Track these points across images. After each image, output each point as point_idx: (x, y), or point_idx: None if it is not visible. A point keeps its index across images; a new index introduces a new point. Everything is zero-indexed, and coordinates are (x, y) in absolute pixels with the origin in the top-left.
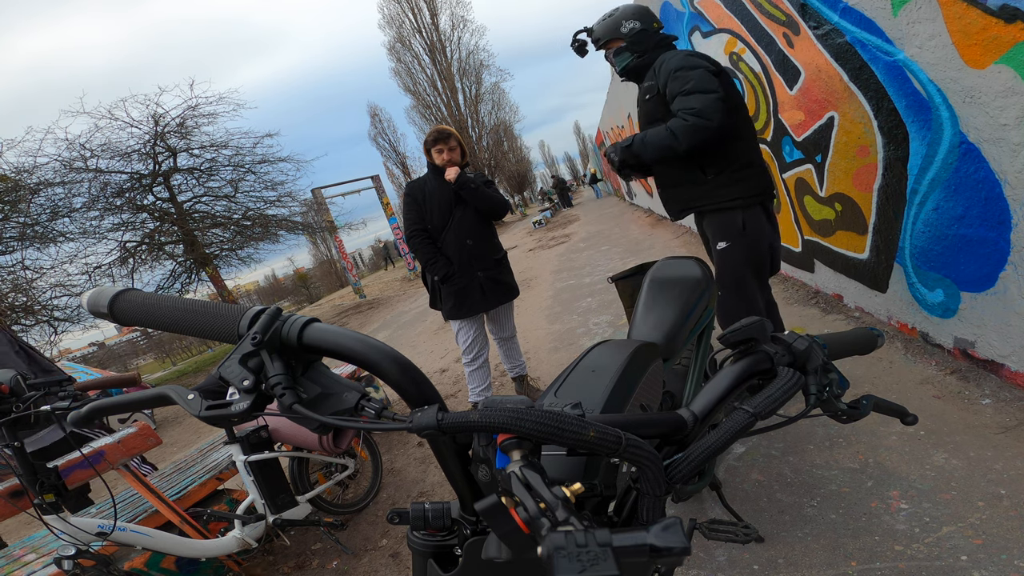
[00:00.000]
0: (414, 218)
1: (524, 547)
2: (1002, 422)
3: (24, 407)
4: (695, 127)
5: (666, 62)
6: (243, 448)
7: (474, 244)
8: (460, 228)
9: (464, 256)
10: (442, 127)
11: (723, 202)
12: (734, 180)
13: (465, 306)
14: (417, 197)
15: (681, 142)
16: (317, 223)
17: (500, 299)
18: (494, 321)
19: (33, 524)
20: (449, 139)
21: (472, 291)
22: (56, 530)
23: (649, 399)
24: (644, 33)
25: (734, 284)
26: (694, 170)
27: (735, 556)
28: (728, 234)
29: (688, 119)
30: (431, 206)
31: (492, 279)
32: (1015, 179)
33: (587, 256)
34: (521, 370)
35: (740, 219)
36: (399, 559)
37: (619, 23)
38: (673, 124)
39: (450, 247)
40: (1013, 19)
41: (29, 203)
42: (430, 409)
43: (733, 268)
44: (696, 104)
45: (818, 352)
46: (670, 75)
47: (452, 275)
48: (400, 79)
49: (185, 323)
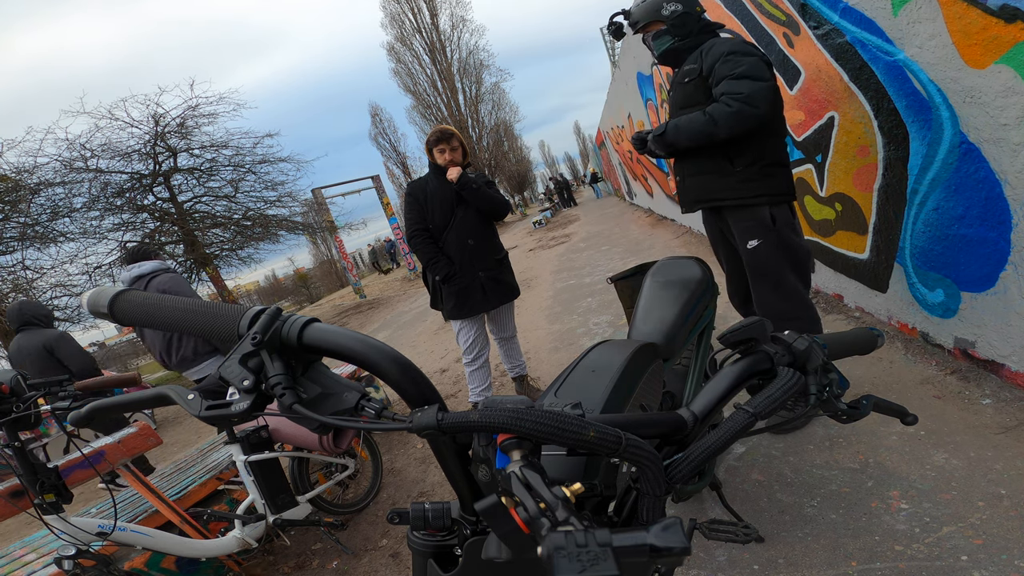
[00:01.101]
0: (415, 218)
1: (524, 547)
2: (1002, 422)
3: (24, 407)
4: (739, 114)
5: (717, 45)
6: (243, 448)
7: (475, 244)
8: (462, 228)
9: (465, 256)
10: (444, 127)
11: (748, 198)
12: (763, 175)
13: (466, 306)
14: (419, 197)
15: (720, 128)
16: (317, 223)
17: (501, 299)
18: (495, 321)
19: (33, 524)
20: (451, 139)
21: (473, 291)
22: (56, 530)
23: (649, 399)
24: (687, 16)
25: (773, 283)
26: (721, 159)
27: (735, 556)
28: (757, 231)
29: (733, 104)
30: (432, 206)
31: (493, 279)
32: (1015, 179)
33: (587, 256)
34: (521, 370)
35: (768, 214)
36: (399, 559)
37: (660, 5)
38: (714, 110)
39: (451, 247)
40: (1013, 19)
41: (29, 203)
42: (430, 409)
43: (768, 266)
44: (745, 89)
45: (818, 352)
46: (721, 57)
47: (453, 275)
48: (400, 79)
49: (185, 323)
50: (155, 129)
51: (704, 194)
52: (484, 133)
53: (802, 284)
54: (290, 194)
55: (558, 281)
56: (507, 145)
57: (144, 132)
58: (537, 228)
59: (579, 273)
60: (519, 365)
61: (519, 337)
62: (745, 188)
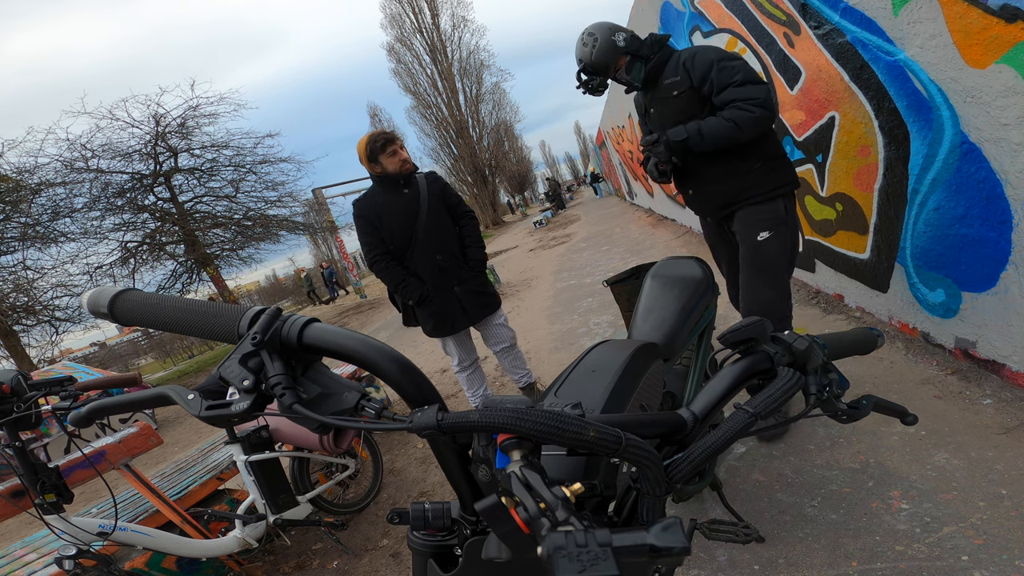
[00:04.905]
0: (372, 241)
1: (524, 547)
2: (1003, 422)
3: (25, 407)
4: (762, 118)
5: (698, 54)
6: (244, 448)
7: (444, 258)
8: (426, 244)
9: (436, 274)
10: (382, 129)
11: (769, 191)
12: (774, 168)
13: (446, 325)
14: (370, 217)
15: (745, 133)
16: (318, 223)
17: (483, 312)
18: (487, 333)
19: (34, 524)
20: (396, 139)
21: (451, 310)
22: (57, 530)
23: (649, 399)
24: (637, 38)
25: (774, 278)
26: (736, 161)
27: (736, 556)
28: (771, 223)
29: (754, 110)
30: (388, 223)
31: (471, 292)
32: (1016, 179)
33: (588, 256)
34: (528, 378)
35: (783, 206)
36: (399, 559)
37: (611, 42)
38: (736, 116)
39: (419, 267)
40: (1014, 19)
41: (30, 203)
42: (430, 409)
43: (773, 259)
44: (759, 95)
45: (818, 352)
46: (712, 66)
47: (427, 296)
48: (400, 79)
49: (185, 323)
50: (156, 129)
51: (733, 196)
52: (485, 133)
53: (789, 274)
54: (291, 194)
55: (559, 281)
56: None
57: (145, 132)
58: (538, 228)
59: (579, 273)
60: (525, 374)
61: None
62: (767, 181)
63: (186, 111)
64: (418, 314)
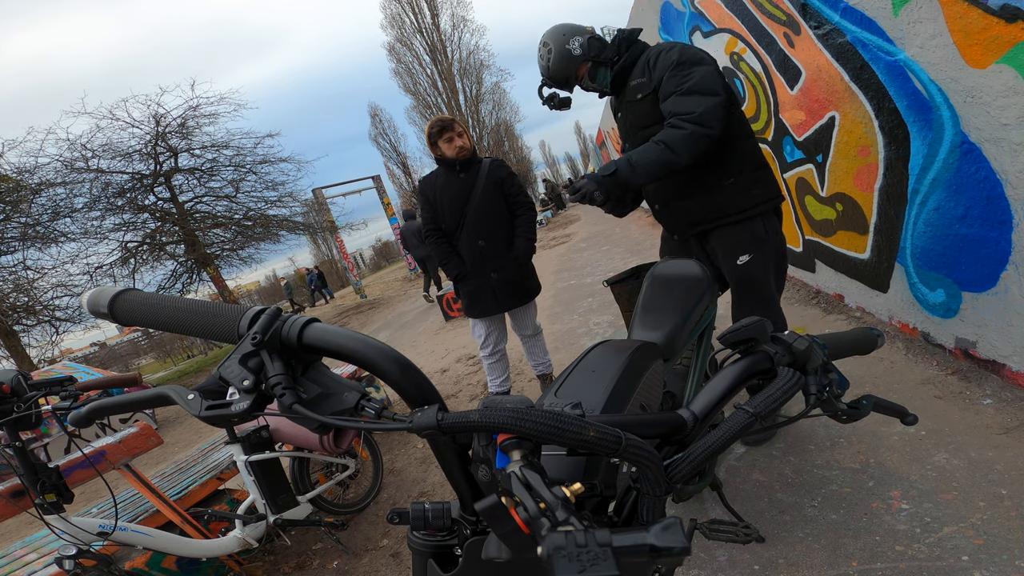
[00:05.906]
0: (428, 217)
1: (524, 547)
2: (1003, 422)
3: (25, 407)
4: (695, 136)
5: (665, 52)
6: (244, 448)
7: (487, 245)
8: (472, 229)
9: (476, 257)
10: (442, 116)
11: (745, 210)
12: (753, 182)
13: (477, 307)
14: (428, 196)
15: (681, 156)
16: (318, 223)
17: (512, 303)
18: (514, 319)
19: (34, 524)
20: (454, 125)
21: (484, 293)
22: (57, 530)
23: (649, 399)
24: (594, 38)
25: (762, 302)
26: (705, 175)
27: (736, 556)
28: (750, 245)
29: (685, 127)
30: (441, 204)
31: (506, 280)
32: (1016, 179)
33: (588, 256)
34: (546, 368)
35: (761, 226)
36: (400, 559)
37: (565, 51)
38: (667, 136)
39: (463, 248)
40: (1014, 19)
41: (30, 203)
42: (430, 409)
43: (758, 280)
44: (695, 108)
45: (818, 352)
46: (668, 69)
47: (465, 276)
48: (400, 79)
49: (185, 323)
50: (156, 129)
51: (703, 215)
52: (485, 133)
53: (778, 290)
54: (291, 194)
55: (559, 281)
56: (508, 145)
57: (145, 132)
58: (538, 228)
59: (580, 273)
60: (543, 363)
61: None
62: (742, 200)
63: (186, 111)
64: (459, 290)
